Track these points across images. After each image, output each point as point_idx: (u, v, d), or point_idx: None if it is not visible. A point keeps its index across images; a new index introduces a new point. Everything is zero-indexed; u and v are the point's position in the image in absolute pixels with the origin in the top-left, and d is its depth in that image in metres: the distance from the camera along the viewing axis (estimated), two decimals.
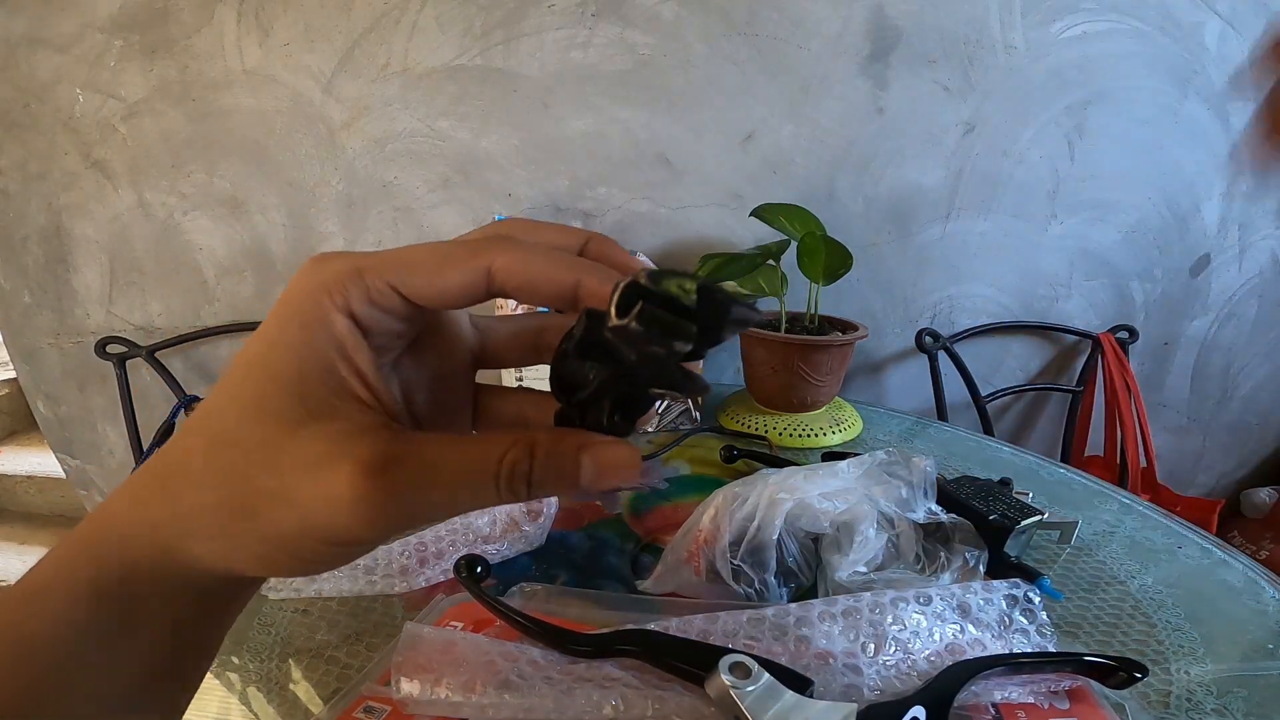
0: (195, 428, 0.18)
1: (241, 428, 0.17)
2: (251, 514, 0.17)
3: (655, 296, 0.15)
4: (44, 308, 1.15)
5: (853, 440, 0.77)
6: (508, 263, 0.18)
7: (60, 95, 1.03)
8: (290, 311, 0.18)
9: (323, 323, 0.18)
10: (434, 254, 0.18)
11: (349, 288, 0.18)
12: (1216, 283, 1.08)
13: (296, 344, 0.17)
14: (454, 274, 0.18)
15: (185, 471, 0.17)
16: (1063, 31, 0.92)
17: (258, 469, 0.17)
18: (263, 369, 0.17)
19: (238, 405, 0.17)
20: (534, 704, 0.30)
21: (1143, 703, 0.37)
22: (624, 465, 0.18)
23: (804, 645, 0.34)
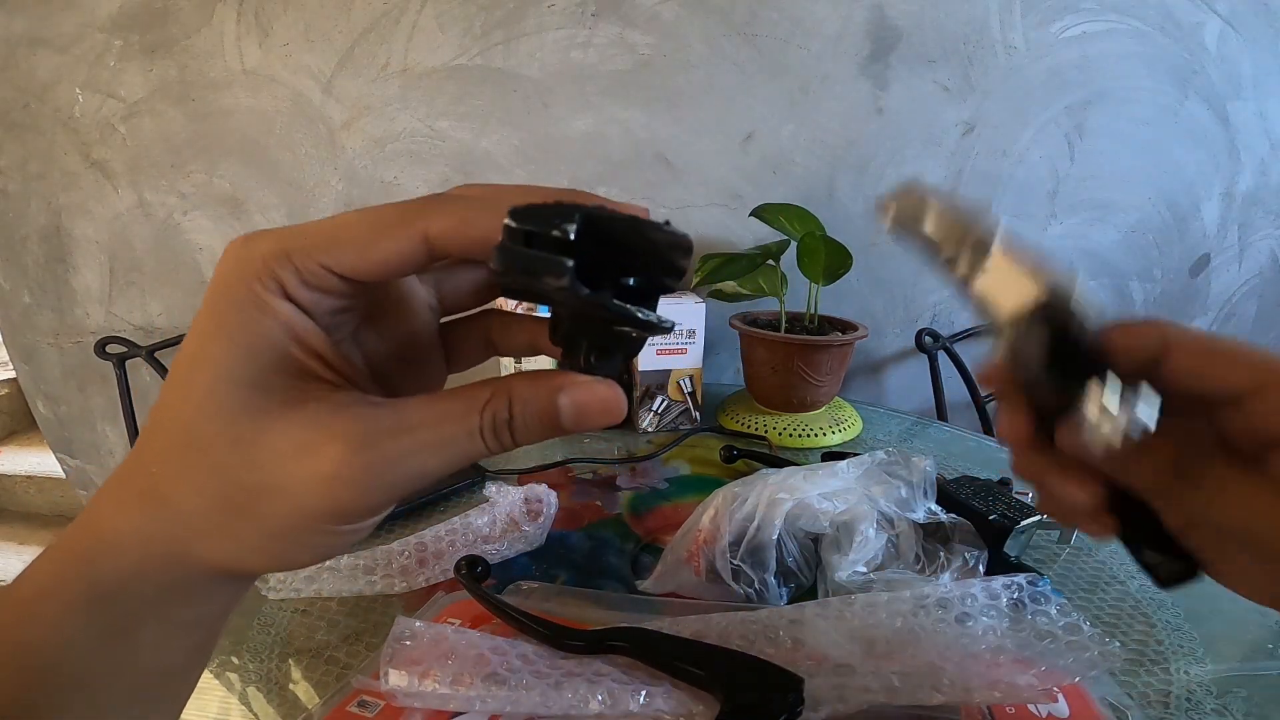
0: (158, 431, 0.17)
1: (203, 426, 0.16)
2: (247, 511, 0.17)
3: (520, 233, 0.15)
4: (44, 308, 1.15)
5: (853, 440, 0.77)
6: (445, 225, 0.17)
7: (60, 95, 1.02)
8: (225, 302, 0.17)
9: (264, 311, 0.17)
10: (364, 223, 0.17)
11: (280, 273, 0.17)
12: (1216, 283, 1.08)
13: (240, 336, 0.17)
14: (388, 244, 0.17)
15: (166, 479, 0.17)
16: (1063, 31, 0.92)
17: (238, 466, 0.16)
18: (209, 366, 0.17)
19: (192, 406, 0.17)
20: (522, 697, 0.30)
21: (1143, 703, 0.37)
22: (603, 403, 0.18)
23: (797, 647, 0.34)
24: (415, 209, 0.17)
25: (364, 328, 0.21)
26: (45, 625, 0.17)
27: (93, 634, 0.17)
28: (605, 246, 0.16)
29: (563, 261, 0.15)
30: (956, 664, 0.32)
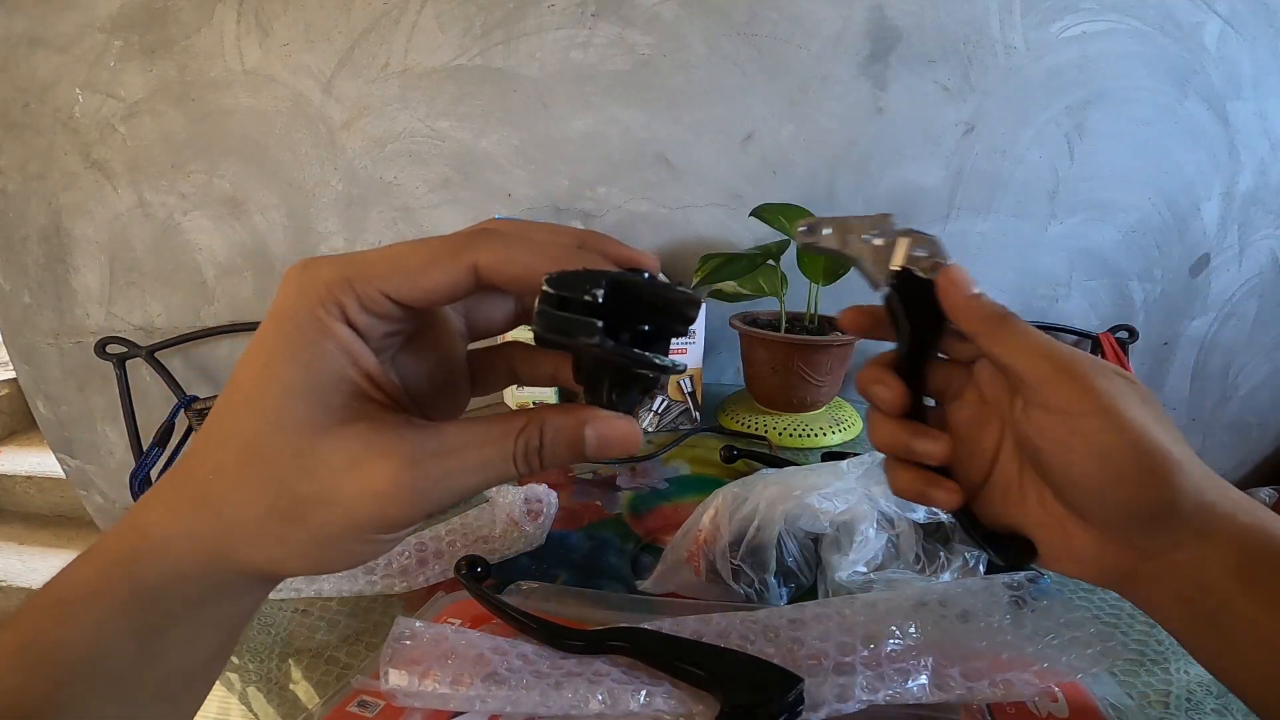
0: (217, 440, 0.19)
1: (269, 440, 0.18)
2: (299, 519, 0.18)
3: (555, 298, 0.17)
4: (44, 308, 1.15)
5: (853, 440, 0.77)
6: (492, 259, 0.19)
7: (60, 95, 1.02)
8: (290, 326, 0.18)
9: (326, 334, 0.18)
10: (418, 255, 0.19)
11: (342, 299, 0.18)
12: (1216, 282, 1.08)
13: (304, 356, 0.18)
14: (440, 274, 0.19)
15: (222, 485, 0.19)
16: (1062, 31, 0.92)
17: (295, 477, 0.18)
18: (276, 382, 0.18)
19: (256, 417, 0.18)
20: (522, 697, 0.30)
21: (1143, 703, 0.37)
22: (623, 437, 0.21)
23: (797, 646, 0.34)
24: (464, 242, 0.19)
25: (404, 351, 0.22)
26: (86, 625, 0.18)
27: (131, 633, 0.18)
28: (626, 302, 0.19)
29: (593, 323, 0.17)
30: (957, 663, 0.32)
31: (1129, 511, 0.25)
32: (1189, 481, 0.23)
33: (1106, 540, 0.26)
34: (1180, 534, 0.24)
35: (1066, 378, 0.25)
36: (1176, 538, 0.24)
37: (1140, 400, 0.25)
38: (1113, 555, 0.26)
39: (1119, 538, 0.26)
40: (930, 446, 0.28)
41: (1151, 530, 0.25)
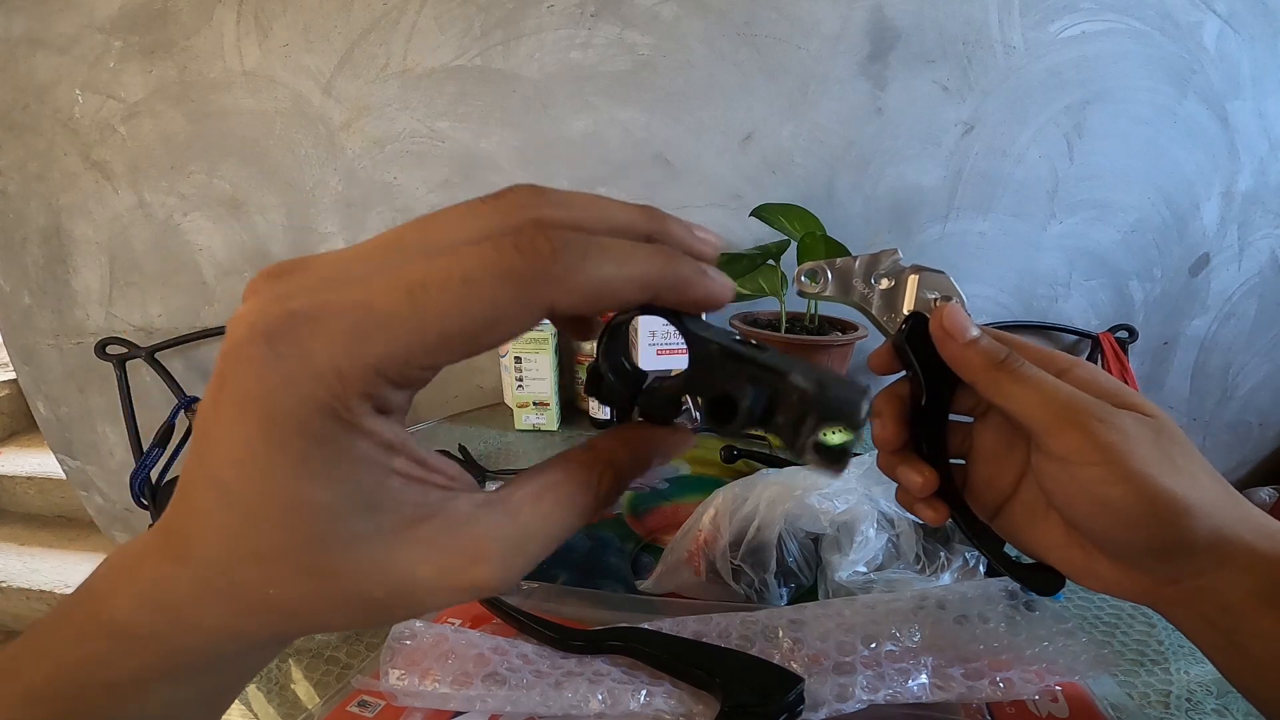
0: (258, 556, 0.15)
1: (329, 561, 0.15)
2: (382, 613, 0.16)
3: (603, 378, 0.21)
4: (44, 309, 1.15)
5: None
6: (572, 299, 0.15)
7: (60, 96, 1.02)
8: (299, 439, 0.14)
9: (356, 437, 0.14)
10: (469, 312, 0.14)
11: (367, 391, 0.14)
12: (1216, 282, 1.08)
13: (333, 477, 0.14)
14: (504, 329, 0.14)
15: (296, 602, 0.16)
16: (1061, 31, 0.92)
17: (377, 590, 0.15)
18: (308, 509, 0.14)
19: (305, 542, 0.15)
20: (522, 697, 0.30)
21: (1143, 703, 0.37)
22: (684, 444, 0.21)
23: (797, 646, 0.34)
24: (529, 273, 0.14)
25: None
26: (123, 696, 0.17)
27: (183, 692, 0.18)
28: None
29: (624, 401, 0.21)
30: (956, 663, 0.32)
31: (1139, 551, 0.25)
32: (1199, 520, 0.23)
33: (1127, 567, 0.26)
34: (1198, 564, 0.24)
35: (1067, 427, 0.25)
36: (1195, 568, 0.24)
37: (1152, 440, 0.24)
38: (1134, 580, 0.26)
39: (1138, 566, 0.26)
40: (914, 479, 0.29)
41: (1167, 563, 0.25)
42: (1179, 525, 0.23)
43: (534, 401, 0.84)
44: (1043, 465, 0.26)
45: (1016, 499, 0.30)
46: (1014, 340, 0.28)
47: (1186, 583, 0.25)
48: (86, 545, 1.59)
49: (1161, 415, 0.26)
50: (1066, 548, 0.28)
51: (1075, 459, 0.25)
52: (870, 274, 0.29)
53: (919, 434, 0.29)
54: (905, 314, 0.28)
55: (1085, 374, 0.27)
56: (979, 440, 0.31)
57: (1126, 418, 0.25)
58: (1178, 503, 0.23)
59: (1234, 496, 0.25)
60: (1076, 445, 0.24)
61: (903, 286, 0.28)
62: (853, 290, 0.29)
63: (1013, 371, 0.26)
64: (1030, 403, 0.26)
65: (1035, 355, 0.28)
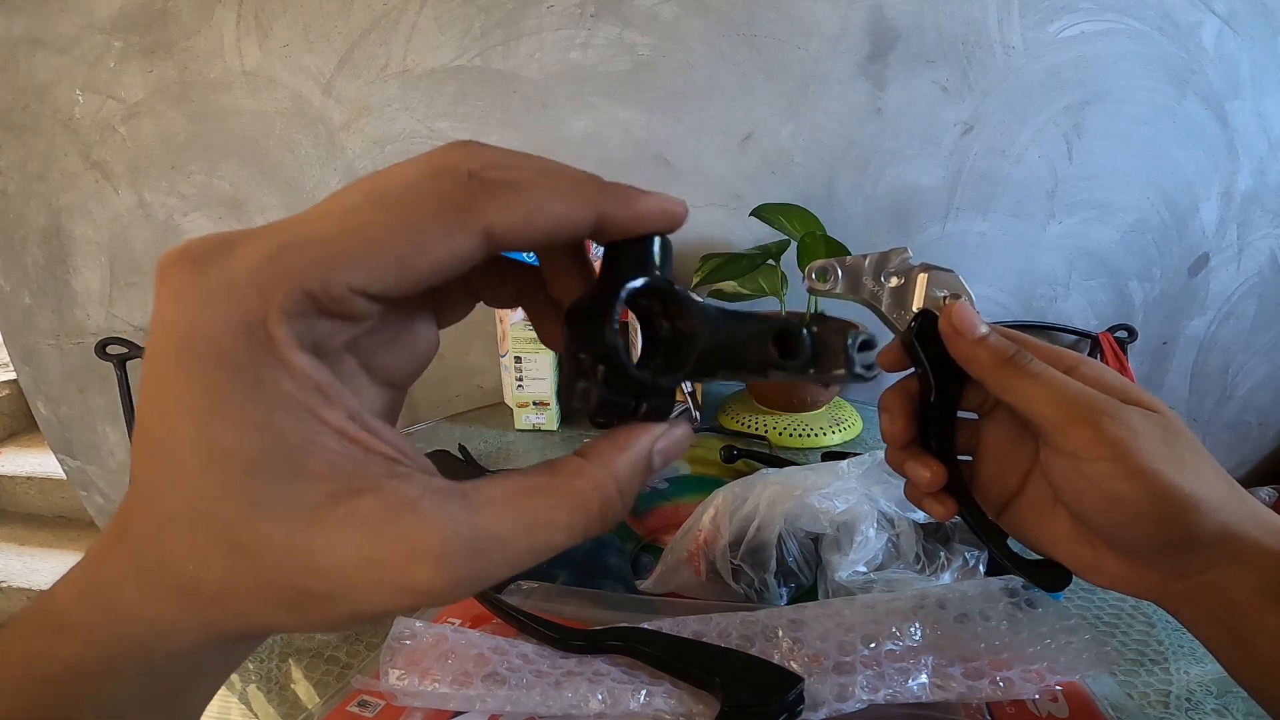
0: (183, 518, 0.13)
1: (247, 530, 0.13)
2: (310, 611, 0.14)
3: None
4: (44, 309, 1.15)
5: (853, 440, 0.77)
6: (511, 220, 0.14)
7: (60, 96, 1.02)
8: (218, 367, 0.12)
9: (280, 372, 0.13)
10: (397, 222, 0.13)
11: (290, 307, 0.12)
12: (1215, 282, 1.08)
13: (257, 414, 0.12)
14: (440, 248, 0.13)
15: (210, 578, 0.14)
16: (1061, 31, 0.92)
17: (299, 576, 0.13)
18: (229, 457, 0.12)
19: (216, 504, 0.13)
20: (522, 697, 0.30)
21: (1143, 703, 0.37)
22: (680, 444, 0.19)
23: (797, 646, 0.34)
24: (460, 198, 0.14)
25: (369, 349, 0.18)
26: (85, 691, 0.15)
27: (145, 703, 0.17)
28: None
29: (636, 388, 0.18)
30: (956, 662, 0.32)
31: (1147, 547, 0.25)
32: (1206, 516, 0.24)
33: (1134, 563, 0.26)
34: (1205, 560, 0.25)
35: (1076, 424, 0.25)
36: (1202, 564, 0.25)
37: (1160, 437, 0.24)
38: (1140, 576, 0.26)
39: (1145, 562, 0.26)
40: (922, 474, 0.29)
41: (1174, 559, 0.25)
42: (1187, 520, 0.24)
43: (534, 401, 0.84)
44: (1051, 461, 0.26)
45: (1023, 495, 0.30)
46: (1022, 338, 0.29)
47: (1193, 579, 0.25)
48: (86, 545, 1.58)
49: (1168, 412, 0.26)
50: (1073, 543, 0.28)
51: (1084, 454, 0.25)
52: (879, 272, 0.29)
53: (927, 430, 0.29)
54: (914, 311, 0.28)
55: (1092, 371, 0.27)
56: (986, 437, 0.31)
57: (1135, 414, 0.25)
58: (1186, 498, 0.23)
59: (1240, 493, 0.25)
60: (1086, 441, 0.25)
61: (912, 284, 0.29)
62: (862, 288, 0.29)
63: (1021, 368, 0.26)
64: (1039, 399, 0.26)
65: (1043, 353, 0.28)
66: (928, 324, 0.28)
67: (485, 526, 0.14)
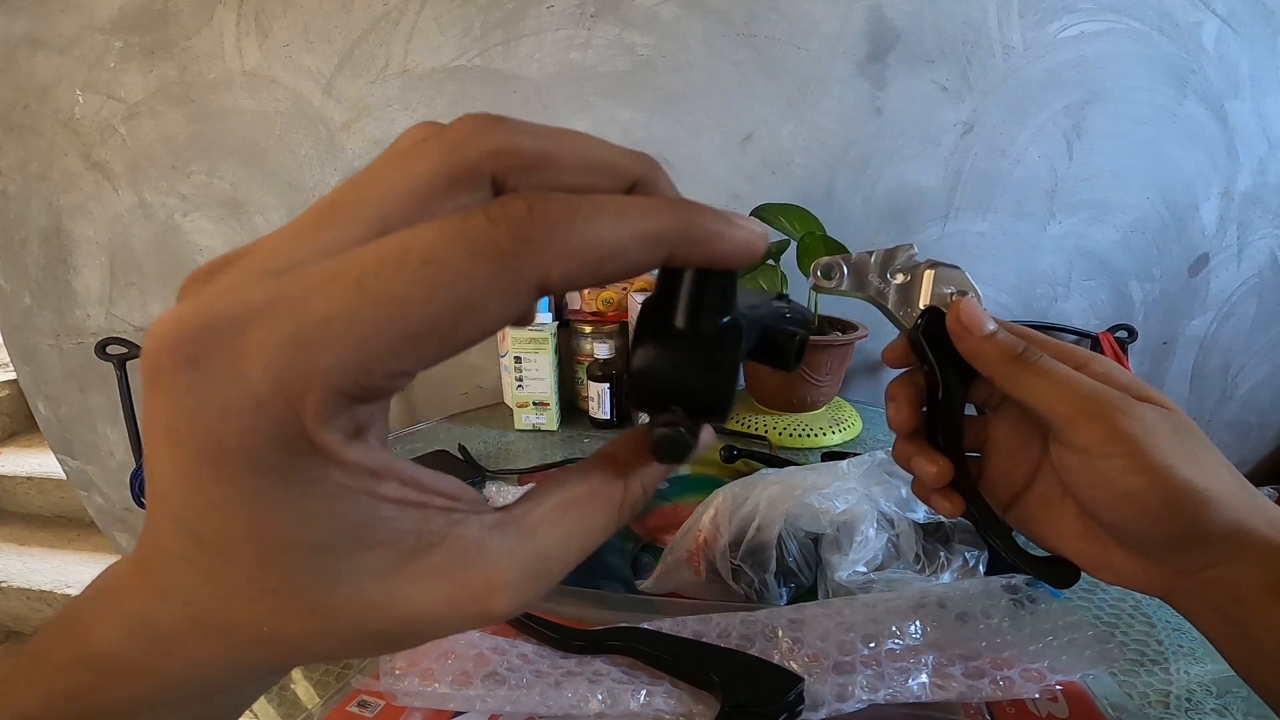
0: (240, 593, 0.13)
1: (323, 599, 0.13)
2: (391, 647, 0.16)
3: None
4: (44, 309, 1.15)
5: (853, 440, 0.77)
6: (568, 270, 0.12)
7: (60, 96, 1.03)
8: (256, 478, 0.11)
9: (327, 476, 0.12)
10: (435, 298, 0.11)
11: (326, 415, 0.11)
12: (1215, 282, 1.08)
13: (308, 513, 0.12)
14: (486, 318, 0.12)
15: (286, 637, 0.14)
16: (1061, 31, 0.92)
17: (381, 625, 0.14)
18: (285, 548, 0.12)
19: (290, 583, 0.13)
20: (522, 697, 0.30)
21: (1143, 703, 0.37)
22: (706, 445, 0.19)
23: (797, 646, 0.34)
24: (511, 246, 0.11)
25: None
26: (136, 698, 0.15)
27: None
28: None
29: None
30: (956, 662, 0.32)
31: (1156, 542, 0.25)
32: (1217, 512, 0.24)
33: (1143, 558, 0.26)
34: (1213, 555, 0.25)
35: (1089, 419, 0.25)
36: (1210, 559, 0.25)
37: (1171, 432, 0.24)
38: (1149, 572, 0.26)
39: (1154, 558, 0.26)
40: (928, 469, 0.29)
41: (1182, 554, 0.25)
42: (1197, 516, 0.24)
43: (534, 401, 0.84)
44: (1062, 456, 0.26)
45: (1031, 492, 0.30)
46: (1031, 334, 0.29)
47: (1200, 574, 0.25)
48: (86, 545, 1.59)
49: (1178, 409, 0.26)
50: (1082, 539, 0.28)
51: (1096, 450, 0.25)
52: (886, 269, 0.29)
53: (935, 427, 0.29)
54: (921, 309, 0.28)
55: (1102, 368, 0.27)
56: (994, 433, 0.31)
57: (1147, 410, 0.25)
58: (1197, 493, 0.23)
59: (1250, 489, 0.25)
60: (1098, 436, 0.25)
61: (918, 281, 0.28)
62: (868, 285, 0.29)
63: (1031, 364, 0.26)
64: (1050, 395, 0.26)
65: (1053, 350, 0.28)
66: (935, 321, 0.28)
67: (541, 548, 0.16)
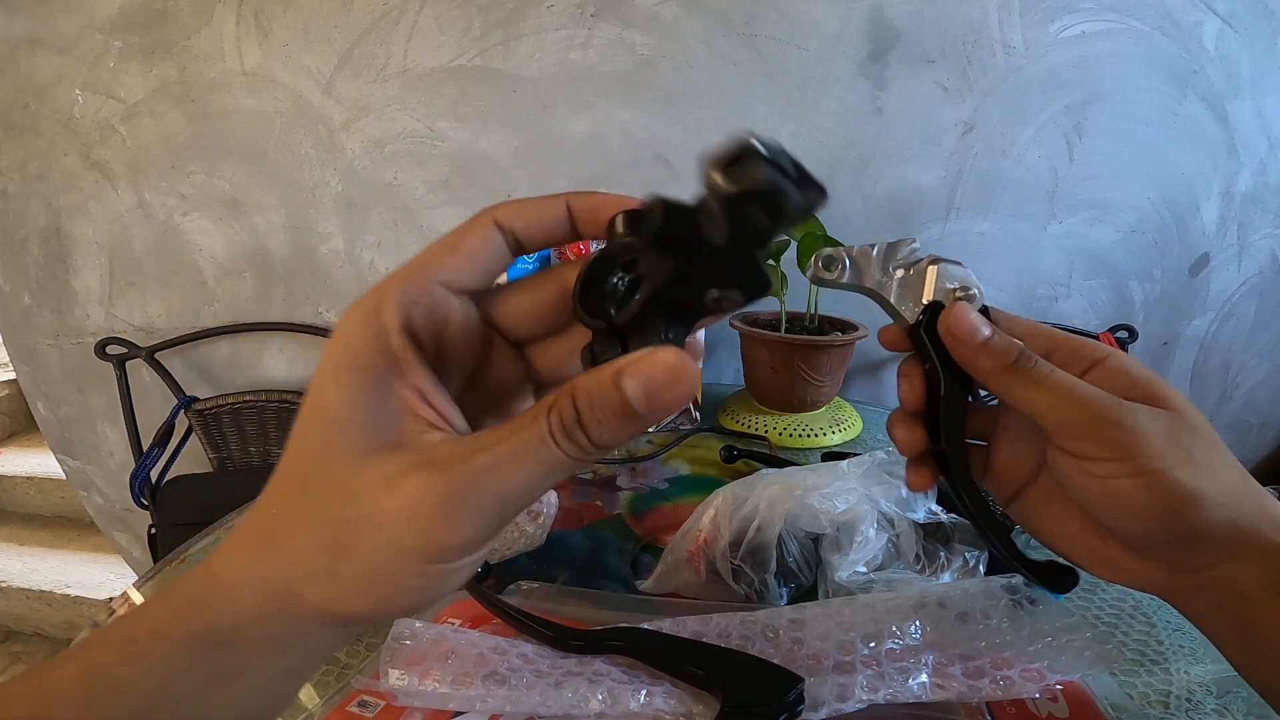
0: (279, 478, 0.18)
1: (316, 471, 0.18)
2: (345, 549, 0.17)
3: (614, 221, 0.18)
4: (44, 309, 1.15)
5: (853, 440, 0.77)
6: (505, 212, 0.20)
7: (60, 96, 1.03)
8: (340, 351, 0.18)
9: (375, 349, 0.18)
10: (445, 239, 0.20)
11: (394, 301, 0.18)
12: (1216, 282, 1.08)
13: (349, 384, 0.18)
14: (472, 241, 0.19)
15: (280, 521, 0.18)
16: (1061, 31, 0.92)
17: (338, 504, 0.17)
18: (323, 415, 0.18)
19: (306, 450, 0.18)
20: (522, 697, 0.30)
21: (1143, 703, 0.37)
22: (668, 372, 0.16)
23: (797, 646, 0.34)
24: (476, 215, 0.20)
25: (466, 394, 0.22)
26: (152, 664, 0.17)
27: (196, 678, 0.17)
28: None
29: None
30: (957, 662, 0.32)
31: (1154, 542, 0.25)
32: (1214, 512, 0.24)
33: (1143, 557, 0.26)
34: (1213, 555, 0.24)
35: (1081, 426, 0.25)
36: (1211, 558, 0.25)
37: (1166, 434, 0.24)
38: (1149, 571, 0.26)
39: (1154, 556, 0.26)
40: (902, 436, 0.29)
41: (1182, 554, 0.25)
42: (1190, 517, 0.24)
43: None
44: (1057, 460, 0.26)
45: (1035, 485, 0.29)
46: (1042, 331, 0.28)
47: (1202, 573, 0.25)
48: (86, 545, 1.59)
49: (1186, 408, 0.25)
50: (1083, 535, 0.28)
51: (1087, 455, 0.25)
52: (888, 263, 0.28)
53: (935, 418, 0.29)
54: (924, 304, 0.28)
55: (1116, 365, 0.27)
56: (1003, 422, 0.30)
57: (1141, 412, 0.25)
58: (1189, 494, 0.23)
59: (1253, 488, 0.25)
60: (1088, 444, 0.25)
61: (921, 276, 0.28)
62: (869, 278, 0.28)
63: (1024, 373, 0.26)
64: (1042, 404, 0.26)
65: (1069, 346, 0.28)
66: (936, 318, 0.28)
67: (477, 440, 0.17)
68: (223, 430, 1.12)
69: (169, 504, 1.05)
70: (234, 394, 1.11)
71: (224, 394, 1.11)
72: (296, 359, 1.16)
